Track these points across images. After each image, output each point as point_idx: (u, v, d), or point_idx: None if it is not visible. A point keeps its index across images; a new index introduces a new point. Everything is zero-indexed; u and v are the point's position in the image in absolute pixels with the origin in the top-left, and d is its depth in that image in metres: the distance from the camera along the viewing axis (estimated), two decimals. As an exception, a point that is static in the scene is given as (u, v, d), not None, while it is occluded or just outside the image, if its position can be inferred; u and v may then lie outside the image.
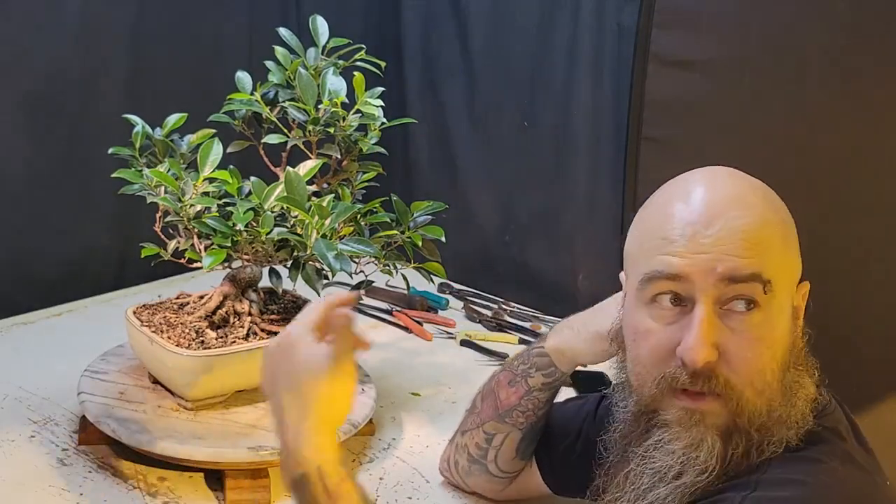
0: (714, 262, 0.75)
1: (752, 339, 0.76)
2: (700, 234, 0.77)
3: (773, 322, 0.77)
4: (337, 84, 1.20)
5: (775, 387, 0.77)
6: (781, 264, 0.78)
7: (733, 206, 0.78)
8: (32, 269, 1.62)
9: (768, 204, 0.80)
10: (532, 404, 1.03)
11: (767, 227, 0.78)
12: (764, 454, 0.77)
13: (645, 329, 0.80)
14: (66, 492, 1.08)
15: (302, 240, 1.09)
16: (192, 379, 1.13)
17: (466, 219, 1.88)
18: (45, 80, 1.56)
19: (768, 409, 0.77)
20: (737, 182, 0.82)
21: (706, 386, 0.77)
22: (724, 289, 0.76)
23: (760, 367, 0.76)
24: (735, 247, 0.76)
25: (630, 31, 1.53)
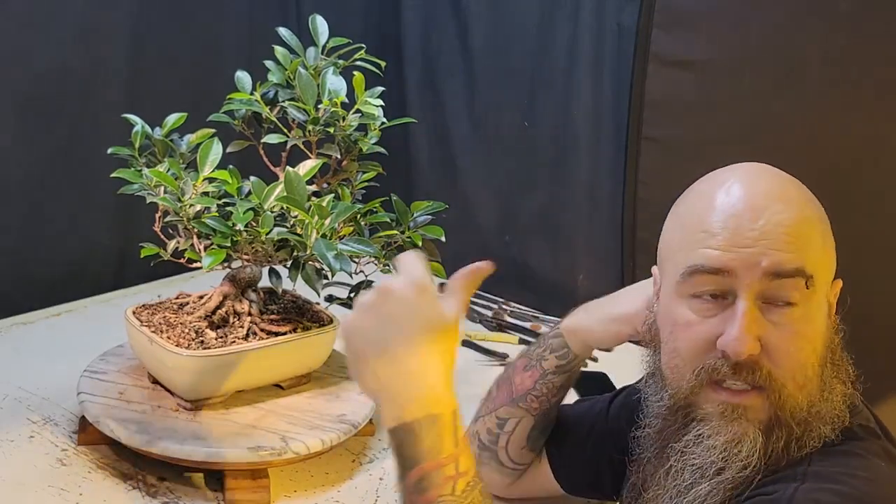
0: (759, 256, 0.76)
1: (794, 333, 0.77)
2: (744, 227, 0.77)
3: (812, 317, 0.77)
4: (337, 84, 1.20)
5: (815, 382, 0.78)
6: (821, 260, 0.79)
7: (775, 200, 0.78)
8: (32, 269, 1.62)
9: (807, 199, 0.81)
10: (546, 388, 1.03)
11: (808, 223, 0.78)
12: (803, 449, 0.77)
13: (685, 321, 0.80)
14: (66, 492, 1.08)
15: (302, 240, 1.09)
16: (192, 379, 1.13)
17: (466, 219, 1.88)
18: (45, 80, 1.56)
19: (808, 404, 0.77)
20: (774, 177, 0.82)
21: (749, 378, 0.77)
22: (769, 283, 0.76)
23: (802, 361, 0.77)
24: (780, 241, 0.76)
25: (630, 31, 1.54)
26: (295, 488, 1.14)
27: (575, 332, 1.02)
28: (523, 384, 1.04)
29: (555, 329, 1.05)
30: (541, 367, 1.03)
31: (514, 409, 1.05)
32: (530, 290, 1.82)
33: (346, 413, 1.20)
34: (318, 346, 1.23)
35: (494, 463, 1.08)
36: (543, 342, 1.05)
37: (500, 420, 1.06)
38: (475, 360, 1.57)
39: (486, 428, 1.08)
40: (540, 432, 1.06)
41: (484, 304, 1.80)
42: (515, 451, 1.06)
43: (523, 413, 1.04)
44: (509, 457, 1.07)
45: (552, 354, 1.03)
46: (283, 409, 1.19)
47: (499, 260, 2.05)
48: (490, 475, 1.10)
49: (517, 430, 1.05)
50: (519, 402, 1.04)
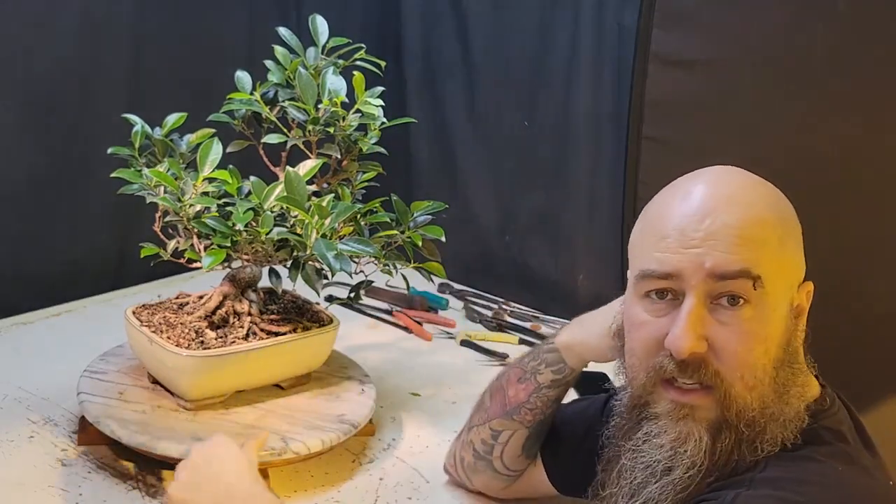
0: (703, 256, 0.77)
1: (742, 333, 0.77)
2: (691, 228, 0.78)
3: (764, 318, 0.77)
4: (337, 84, 1.20)
5: (767, 383, 0.77)
6: (776, 262, 0.78)
7: (728, 202, 0.78)
8: (32, 269, 1.62)
9: (767, 202, 0.80)
10: (541, 402, 1.03)
11: (762, 225, 0.78)
12: (759, 452, 0.77)
13: (639, 321, 0.82)
14: (66, 492, 1.08)
15: (302, 240, 1.09)
16: (192, 379, 1.13)
17: (466, 219, 1.88)
18: (45, 80, 1.56)
19: (761, 406, 0.77)
20: (736, 179, 0.82)
21: (695, 376, 0.78)
22: (714, 284, 0.76)
23: (751, 361, 0.77)
24: (725, 242, 0.76)
25: (630, 30, 1.53)
26: (295, 488, 1.14)
27: (570, 347, 1.02)
28: (517, 396, 1.04)
29: (549, 343, 1.05)
30: (535, 381, 1.03)
31: (509, 421, 1.05)
32: (530, 290, 1.82)
33: (346, 413, 1.20)
34: (318, 346, 1.23)
35: (490, 471, 1.09)
36: (538, 355, 1.05)
37: (494, 432, 1.06)
38: (475, 360, 1.57)
39: (480, 438, 1.08)
40: (535, 441, 1.06)
41: (484, 304, 1.80)
42: (511, 460, 1.07)
43: (517, 426, 1.05)
44: (504, 465, 1.07)
45: (547, 368, 1.03)
46: (283, 409, 1.19)
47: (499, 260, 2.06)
48: (486, 482, 1.11)
49: (511, 441, 1.05)
50: (513, 415, 1.04)
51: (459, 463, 1.13)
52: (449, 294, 1.84)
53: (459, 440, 1.13)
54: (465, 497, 1.15)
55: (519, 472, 1.08)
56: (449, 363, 1.55)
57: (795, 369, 0.80)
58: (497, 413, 1.06)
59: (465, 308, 1.78)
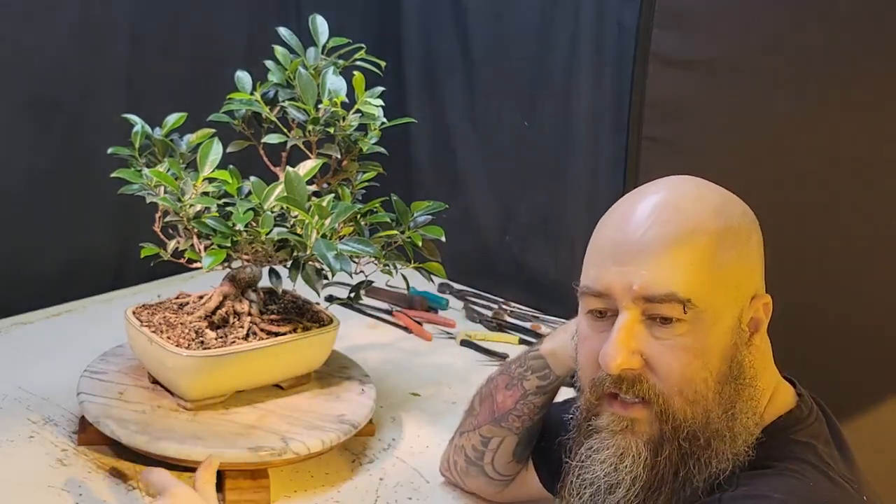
0: (633, 277, 0.76)
1: (677, 349, 0.76)
2: (625, 243, 0.77)
3: (701, 333, 0.76)
4: (337, 84, 1.20)
5: (711, 397, 0.76)
6: (713, 278, 0.76)
7: (665, 215, 0.77)
8: (32, 269, 1.62)
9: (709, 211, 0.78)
10: (527, 408, 1.03)
11: (697, 236, 0.76)
12: (709, 468, 0.76)
13: (584, 336, 0.82)
14: (66, 492, 1.08)
15: (302, 240, 1.09)
16: (192, 379, 1.13)
17: (466, 219, 1.88)
18: (45, 80, 1.56)
19: (704, 420, 0.76)
20: (682, 190, 0.80)
21: (631, 391, 0.78)
22: (644, 305, 0.76)
23: (689, 375, 0.76)
24: (653, 263, 0.76)
25: (630, 30, 1.53)
26: (295, 488, 1.14)
27: (555, 354, 1.02)
28: (505, 403, 1.04)
29: (534, 349, 1.04)
30: (522, 388, 1.03)
31: (497, 428, 1.05)
32: (530, 290, 1.82)
33: (346, 413, 1.20)
34: (318, 346, 1.23)
35: (483, 476, 1.09)
36: (524, 361, 1.04)
37: (483, 438, 1.06)
38: (475, 360, 1.57)
39: (471, 444, 1.08)
40: (525, 446, 1.06)
41: (484, 304, 1.80)
42: (502, 465, 1.07)
43: (506, 432, 1.04)
44: (496, 470, 1.07)
45: (533, 375, 1.03)
46: (283, 410, 1.19)
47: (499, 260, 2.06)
48: (480, 486, 1.11)
49: (501, 447, 1.05)
50: (501, 422, 1.04)
51: (453, 466, 1.13)
52: (449, 294, 1.84)
53: (452, 444, 1.13)
54: (465, 497, 1.15)
55: (511, 476, 1.08)
56: (449, 363, 1.55)
57: (742, 384, 0.78)
58: (486, 419, 1.06)
59: (465, 308, 1.78)
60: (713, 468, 0.76)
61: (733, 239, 0.78)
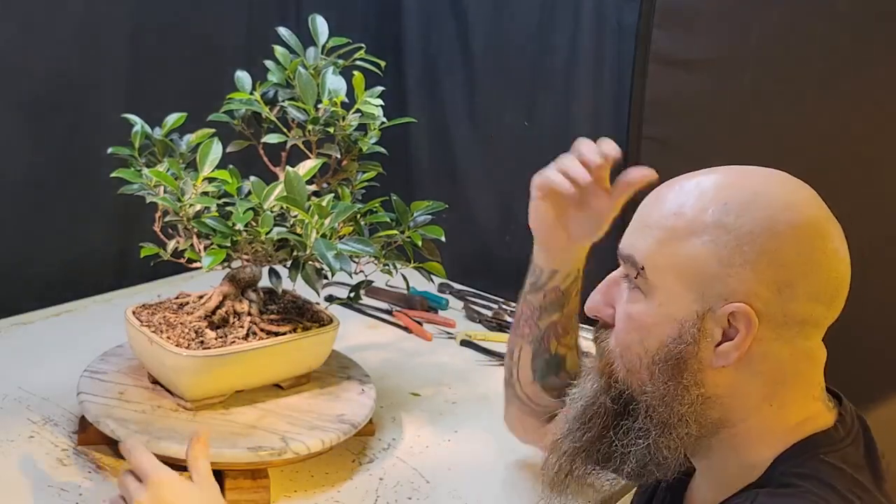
0: (625, 236, 0.84)
1: (624, 314, 0.82)
2: (636, 216, 0.84)
3: (647, 309, 0.79)
4: (336, 83, 1.20)
5: (644, 374, 0.80)
6: (676, 260, 0.77)
7: (676, 190, 0.81)
8: (32, 269, 1.62)
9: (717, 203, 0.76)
10: (528, 309, 1.09)
11: (674, 219, 0.78)
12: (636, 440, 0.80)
13: None
14: (66, 492, 1.08)
15: (301, 239, 1.09)
16: (192, 379, 1.13)
17: (466, 219, 1.88)
18: (45, 80, 1.56)
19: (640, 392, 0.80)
20: (711, 177, 0.80)
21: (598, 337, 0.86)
22: (622, 263, 0.83)
23: (626, 343, 0.81)
24: (634, 226, 0.83)
25: (630, 30, 1.54)
26: (295, 488, 1.14)
27: (536, 244, 1.08)
28: (518, 312, 1.11)
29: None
30: (522, 293, 1.10)
31: (514, 337, 1.11)
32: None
33: (346, 413, 1.20)
34: (318, 346, 1.23)
35: (516, 401, 1.12)
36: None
37: (508, 351, 1.13)
38: (475, 360, 1.57)
39: (505, 364, 1.14)
40: (543, 364, 1.09)
41: (484, 304, 1.80)
42: (527, 385, 1.10)
43: (520, 340, 1.10)
44: (524, 391, 1.11)
45: (528, 276, 1.09)
46: (283, 409, 1.19)
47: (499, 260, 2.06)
48: (518, 417, 1.14)
49: (521, 359, 1.10)
50: (515, 331, 1.11)
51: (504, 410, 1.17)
52: (449, 294, 1.84)
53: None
54: (465, 497, 1.15)
55: (542, 405, 1.10)
56: (449, 363, 1.55)
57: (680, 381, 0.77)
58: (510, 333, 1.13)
59: (465, 308, 1.78)
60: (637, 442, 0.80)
61: (718, 237, 0.75)
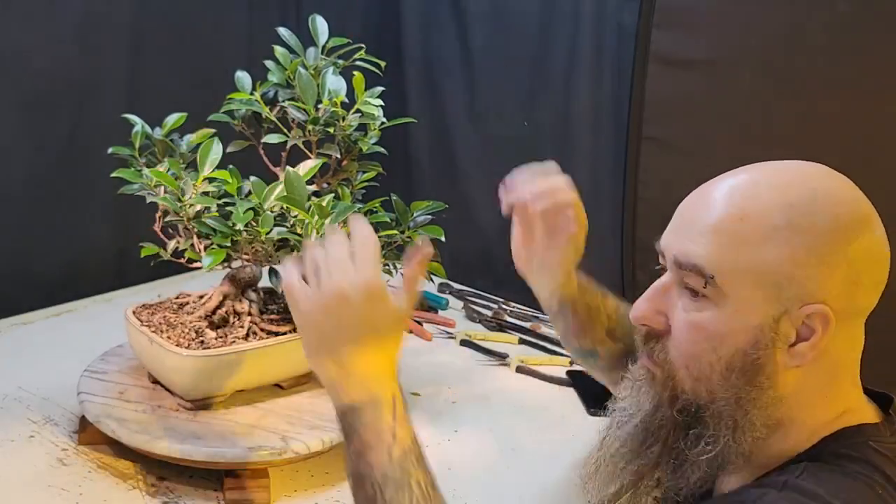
0: (674, 242, 0.78)
1: (690, 323, 0.77)
2: (684, 213, 0.79)
3: (719, 318, 0.75)
4: (336, 83, 1.20)
5: (716, 381, 0.76)
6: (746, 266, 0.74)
7: (728, 193, 0.77)
8: (32, 269, 1.62)
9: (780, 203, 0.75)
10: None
11: (742, 224, 0.74)
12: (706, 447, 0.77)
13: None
14: (66, 492, 1.08)
15: (302, 239, 1.09)
16: (192, 379, 1.13)
17: (466, 219, 1.88)
18: (45, 80, 1.56)
19: (709, 400, 0.77)
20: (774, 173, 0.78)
21: (648, 349, 0.80)
22: (678, 273, 0.77)
23: (695, 353, 0.77)
24: (693, 232, 0.77)
25: (630, 30, 1.54)
26: (295, 488, 1.14)
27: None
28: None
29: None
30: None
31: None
32: (530, 290, 1.82)
33: (346, 413, 1.20)
34: (318, 345, 1.23)
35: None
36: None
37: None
38: (475, 360, 1.57)
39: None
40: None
41: (484, 304, 1.80)
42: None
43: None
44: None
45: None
46: (283, 409, 1.19)
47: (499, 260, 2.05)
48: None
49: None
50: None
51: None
52: (449, 294, 1.84)
53: None
54: (465, 497, 1.15)
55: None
56: (449, 363, 1.55)
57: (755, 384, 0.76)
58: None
59: (465, 308, 1.78)
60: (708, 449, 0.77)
61: (790, 237, 0.74)
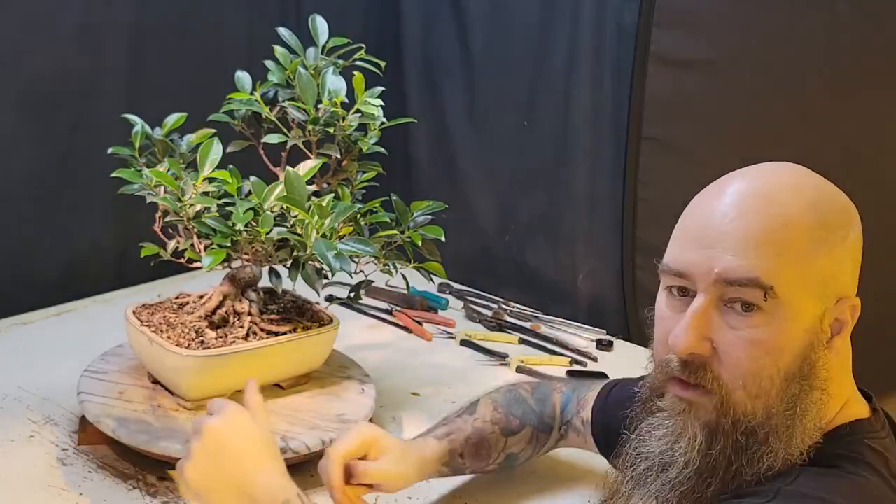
0: (714, 259, 0.74)
1: (749, 341, 0.74)
2: (711, 227, 0.75)
3: (778, 328, 0.73)
4: (336, 83, 1.20)
5: (774, 394, 0.74)
6: (800, 271, 0.74)
7: (757, 201, 0.75)
8: (32, 269, 1.62)
9: (807, 205, 0.75)
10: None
11: (786, 230, 0.74)
12: (760, 463, 0.75)
13: (660, 315, 0.81)
14: (66, 492, 1.08)
15: (302, 239, 1.09)
16: (192, 379, 1.13)
17: (466, 219, 1.88)
18: (45, 80, 1.56)
19: (765, 416, 0.74)
20: (777, 178, 0.78)
21: (693, 378, 0.76)
22: (724, 289, 0.74)
23: (755, 370, 0.74)
24: (739, 246, 0.74)
25: (630, 30, 1.54)
26: (295, 488, 1.14)
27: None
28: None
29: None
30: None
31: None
32: (530, 290, 1.83)
33: (346, 413, 1.20)
34: (318, 346, 1.23)
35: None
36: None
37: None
38: (475, 360, 1.57)
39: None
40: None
41: (484, 304, 1.80)
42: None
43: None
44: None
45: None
46: (283, 409, 1.19)
47: (499, 260, 2.06)
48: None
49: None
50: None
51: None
52: (449, 294, 1.84)
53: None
54: (465, 497, 1.15)
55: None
56: (449, 363, 1.55)
57: (810, 385, 0.75)
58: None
59: (465, 308, 1.78)
60: (764, 464, 0.75)
61: (825, 237, 0.75)
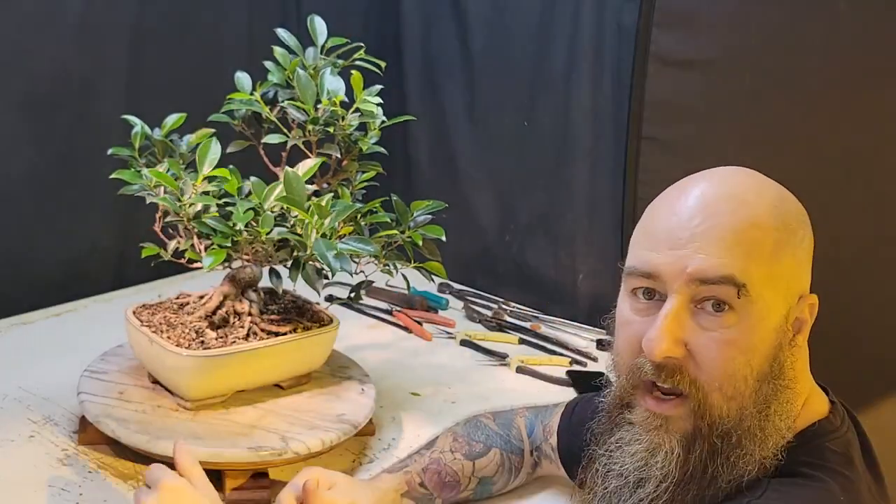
0: (686, 259, 0.74)
1: (723, 341, 0.74)
2: (680, 228, 0.76)
3: (750, 327, 0.74)
4: (334, 83, 1.20)
5: (748, 395, 0.74)
6: (768, 270, 0.75)
7: (723, 202, 0.76)
8: (32, 269, 1.62)
9: (769, 206, 0.77)
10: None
11: (755, 230, 0.75)
12: (736, 468, 0.75)
13: (624, 320, 0.80)
14: (66, 492, 1.08)
15: (302, 239, 1.09)
16: (192, 379, 1.13)
17: (466, 219, 1.88)
18: (45, 80, 1.56)
19: (738, 418, 0.74)
20: (740, 180, 0.79)
21: (670, 380, 0.76)
22: (697, 288, 0.74)
23: (731, 370, 0.74)
24: (711, 246, 0.74)
25: (630, 30, 1.54)
26: (295, 488, 1.14)
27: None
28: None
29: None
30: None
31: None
32: (530, 290, 1.83)
33: (346, 413, 1.20)
34: (318, 346, 1.23)
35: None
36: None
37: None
38: (475, 359, 1.57)
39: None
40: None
41: (484, 304, 1.80)
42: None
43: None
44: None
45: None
46: (283, 409, 1.19)
47: (499, 260, 2.06)
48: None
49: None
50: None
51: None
52: (449, 294, 1.84)
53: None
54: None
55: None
56: (449, 363, 1.55)
57: (780, 385, 0.76)
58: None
59: (465, 308, 1.78)
60: (740, 468, 0.75)
61: (788, 238, 0.77)
